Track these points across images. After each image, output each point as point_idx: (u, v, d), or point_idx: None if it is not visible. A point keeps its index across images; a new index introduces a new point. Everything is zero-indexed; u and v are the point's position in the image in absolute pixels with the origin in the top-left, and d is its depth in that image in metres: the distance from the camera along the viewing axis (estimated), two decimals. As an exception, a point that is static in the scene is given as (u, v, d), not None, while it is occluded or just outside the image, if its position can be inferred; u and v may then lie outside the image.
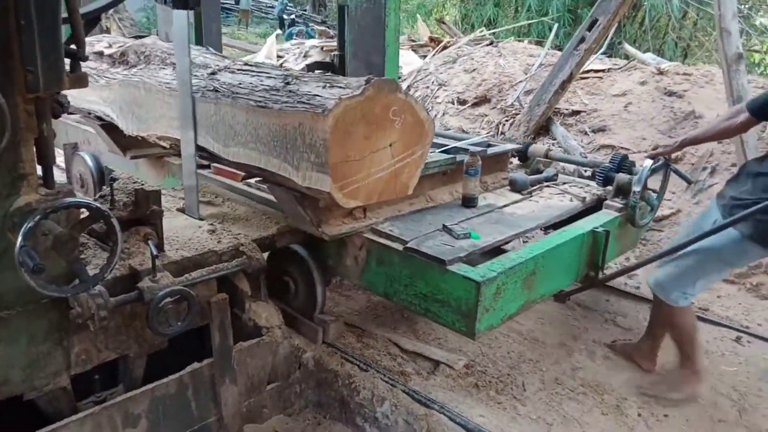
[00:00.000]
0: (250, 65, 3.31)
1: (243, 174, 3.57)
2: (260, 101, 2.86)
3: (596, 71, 8.49)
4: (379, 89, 2.68)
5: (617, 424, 3.14)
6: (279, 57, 12.33)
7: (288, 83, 2.87)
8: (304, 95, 2.71)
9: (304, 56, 11.85)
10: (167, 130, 3.48)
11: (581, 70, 7.62)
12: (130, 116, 3.74)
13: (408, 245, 2.93)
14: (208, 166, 3.86)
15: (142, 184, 2.62)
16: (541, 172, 4.33)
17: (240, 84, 3.05)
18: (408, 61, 11.06)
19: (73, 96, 2.54)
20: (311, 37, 16.82)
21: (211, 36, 4.93)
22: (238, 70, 3.23)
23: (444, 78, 9.46)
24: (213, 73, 3.25)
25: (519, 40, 11.74)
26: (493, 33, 12.39)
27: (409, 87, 9.60)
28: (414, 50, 11.89)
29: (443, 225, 3.18)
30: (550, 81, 7.38)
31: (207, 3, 4.73)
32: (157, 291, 2.38)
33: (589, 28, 7.02)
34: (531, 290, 3.01)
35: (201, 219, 3.20)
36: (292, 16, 22.65)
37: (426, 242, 2.97)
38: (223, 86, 3.09)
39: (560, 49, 9.35)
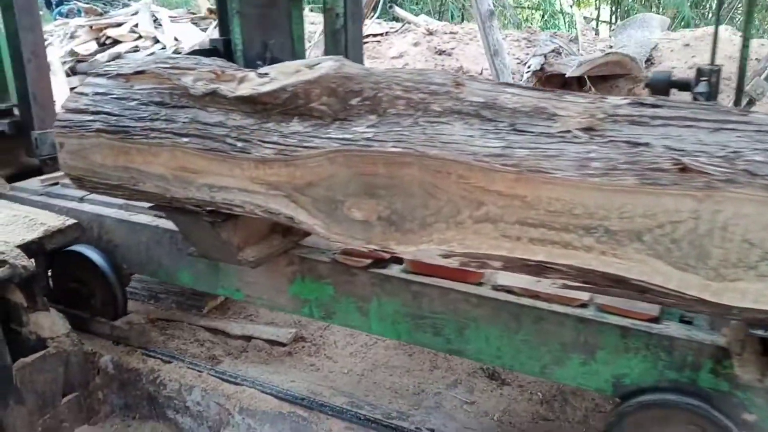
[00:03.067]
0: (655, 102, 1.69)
1: (482, 272, 2.23)
2: None
3: (375, 35, 8.59)
4: None
5: (420, 360, 3.10)
6: (41, 41, 10.08)
7: None
8: None
9: (71, 37, 10.24)
10: (492, 243, 1.74)
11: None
12: (364, 216, 1.86)
13: None
14: (397, 261, 2.38)
15: None
16: None
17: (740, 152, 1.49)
18: (188, 36, 10.07)
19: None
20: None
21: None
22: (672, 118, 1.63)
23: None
24: (589, 129, 1.64)
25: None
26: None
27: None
28: (194, 23, 10.77)
29: None
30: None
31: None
32: None
33: (360, -7, 6.52)
34: None
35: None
36: (58, -7, 18.60)
37: None
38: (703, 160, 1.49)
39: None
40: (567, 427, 2.67)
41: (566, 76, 6.44)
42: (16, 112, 3.33)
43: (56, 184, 3.19)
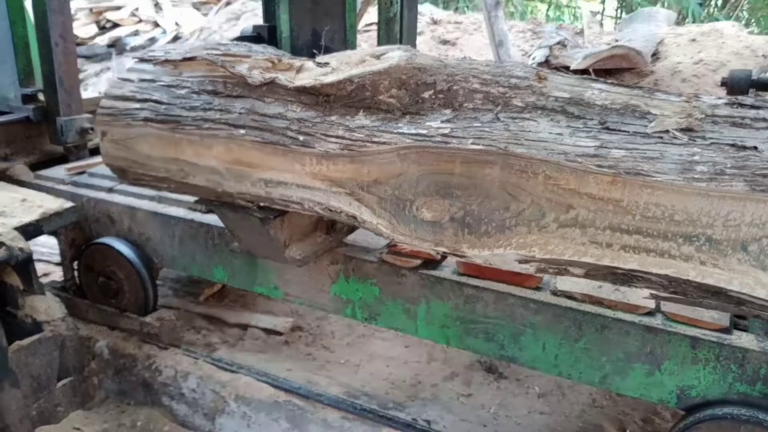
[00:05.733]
0: None
1: (541, 276, 2.08)
2: None
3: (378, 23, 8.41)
4: None
5: (418, 352, 3.08)
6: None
7: None
8: None
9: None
10: (578, 249, 1.59)
11: (366, 23, 7.29)
12: (434, 217, 1.69)
13: None
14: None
15: None
16: None
17: None
18: (189, 19, 9.90)
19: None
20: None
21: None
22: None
23: (229, 36, 8.37)
24: (688, 130, 1.51)
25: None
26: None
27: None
28: (196, 8, 10.56)
29: None
30: (334, 33, 6.67)
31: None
32: None
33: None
34: None
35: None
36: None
37: None
38: None
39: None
40: (563, 421, 2.63)
41: (571, 68, 6.31)
42: (41, 97, 3.17)
43: (83, 172, 3.04)
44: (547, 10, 12.29)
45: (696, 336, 1.90)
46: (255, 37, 3.16)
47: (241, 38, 3.11)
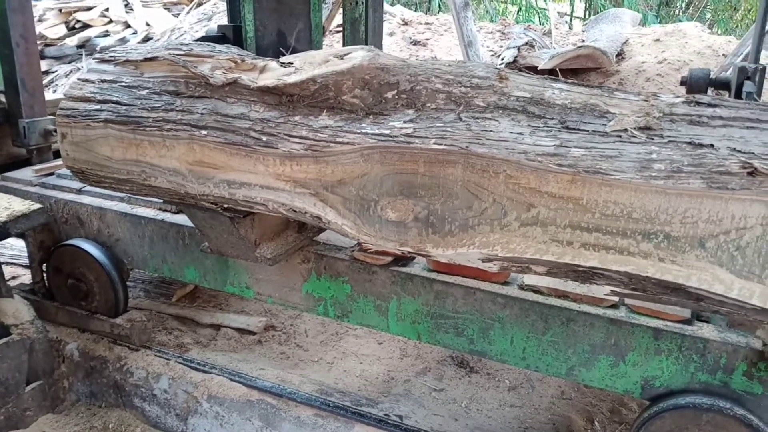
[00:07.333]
0: None
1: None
2: None
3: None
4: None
5: (391, 349, 3.08)
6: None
7: None
8: None
9: (39, 20, 9.52)
10: (540, 248, 1.57)
11: (337, 24, 7.09)
12: (398, 217, 1.66)
13: None
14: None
15: None
16: None
17: None
18: (160, 20, 9.66)
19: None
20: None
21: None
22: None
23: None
24: (646, 128, 1.48)
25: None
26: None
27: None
28: (167, 8, 10.33)
29: None
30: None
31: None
32: None
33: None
34: None
35: None
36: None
37: None
38: None
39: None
40: (533, 413, 2.63)
41: (538, 68, 6.33)
42: (2, 99, 3.08)
43: (51, 174, 2.96)
44: (518, 11, 12.31)
45: (658, 327, 1.90)
46: (220, 37, 3.10)
47: (206, 38, 3.05)
